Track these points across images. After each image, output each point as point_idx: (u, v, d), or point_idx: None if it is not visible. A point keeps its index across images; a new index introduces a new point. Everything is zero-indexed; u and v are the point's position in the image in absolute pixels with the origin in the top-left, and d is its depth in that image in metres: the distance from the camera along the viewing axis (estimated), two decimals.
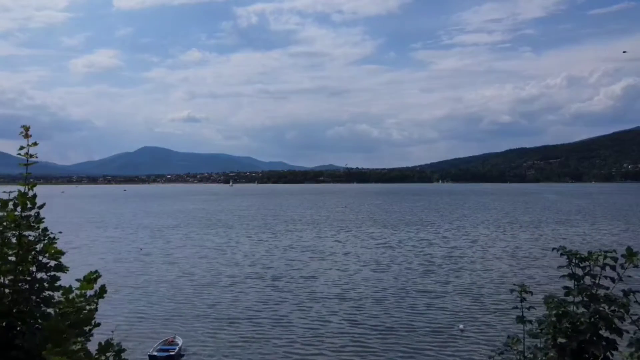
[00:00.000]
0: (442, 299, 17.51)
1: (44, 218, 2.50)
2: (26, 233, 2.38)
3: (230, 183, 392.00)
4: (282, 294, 18.46)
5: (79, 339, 1.99)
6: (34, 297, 2.32)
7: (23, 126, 2.61)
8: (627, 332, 2.83)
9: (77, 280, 2.14)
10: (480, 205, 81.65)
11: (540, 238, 34.51)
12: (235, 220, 52.39)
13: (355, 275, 21.62)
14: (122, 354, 2.14)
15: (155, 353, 12.20)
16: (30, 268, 2.35)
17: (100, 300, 2.18)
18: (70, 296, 2.11)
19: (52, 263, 2.43)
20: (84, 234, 39.46)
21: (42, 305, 2.31)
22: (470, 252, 27.97)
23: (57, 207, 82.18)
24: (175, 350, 12.44)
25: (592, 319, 2.83)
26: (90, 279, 2.19)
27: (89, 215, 61.99)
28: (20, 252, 2.33)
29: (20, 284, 2.30)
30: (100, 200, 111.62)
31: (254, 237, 36.37)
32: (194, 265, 24.34)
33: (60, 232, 2.56)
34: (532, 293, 3.19)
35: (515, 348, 3.07)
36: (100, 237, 36.82)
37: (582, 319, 2.84)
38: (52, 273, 2.43)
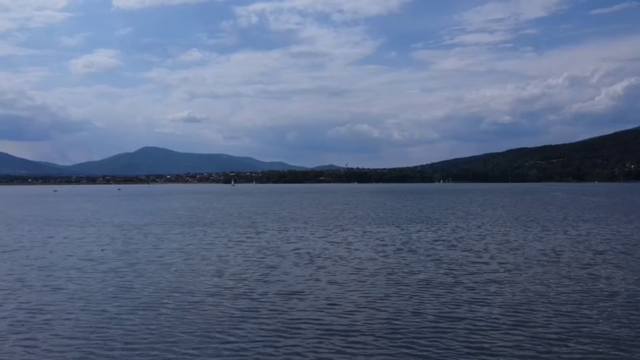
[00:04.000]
0: (488, 333, 11.46)
1: None
2: None
3: (232, 183, 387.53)
4: (250, 323, 12.48)
5: None
6: None
7: None
8: None
9: None
10: (490, 202, 75.62)
11: (579, 238, 28.47)
12: (219, 218, 46.36)
13: (355, 292, 15.57)
14: None
15: None
16: None
17: None
18: None
19: None
20: (36, 233, 33.47)
21: None
22: (502, 257, 21.91)
23: (34, 205, 76.50)
24: None
25: None
26: None
27: (60, 212, 55.96)
28: None
29: None
30: (87, 199, 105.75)
31: (233, 237, 30.34)
32: (142, 275, 18.33)
33: None
34: None
35: None
36: (54, 237, 30.80)
37: None
38: None
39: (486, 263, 20.34)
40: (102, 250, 25.39)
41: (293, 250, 24.48)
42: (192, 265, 20.53)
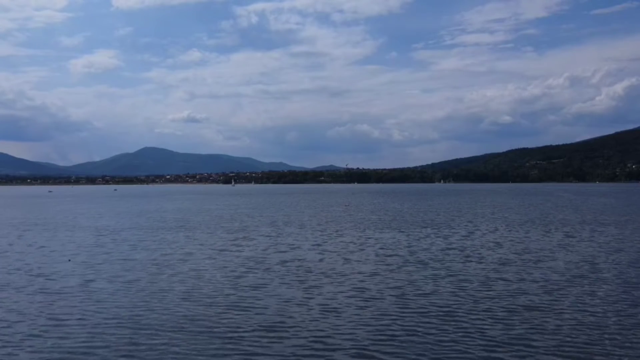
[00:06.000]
0: None
1: None
2: None
3: (232, 183, 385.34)
4: None
5: None
6: None
7: None
8: None
9: None
10: (497, 204, 72.14)
11: (610, 246, 24.92)
12: (208, 221, 42.87)
13: (354, 326, 12.06)
14: None
15: None
16: None
17: None
18: None
19: None
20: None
21: None
22: (529, 272, 18.41)
23: (19, 207, 73.12)
24: None
25: None
26: None
27: (42, 214, 52.46)
28: None
29: None
30: (79, 200, 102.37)
31: (218, 244, 26.83)
32: (93, 298, 14.86)
33: None
34: None
35: None
36: (14, 245, 27.34)
37: None
38: None
39: (512, 281, 16.86)
40: (68, 260, 22.15)
41: (282, 262, 20.99)
42: (160, 283, 17.06)
